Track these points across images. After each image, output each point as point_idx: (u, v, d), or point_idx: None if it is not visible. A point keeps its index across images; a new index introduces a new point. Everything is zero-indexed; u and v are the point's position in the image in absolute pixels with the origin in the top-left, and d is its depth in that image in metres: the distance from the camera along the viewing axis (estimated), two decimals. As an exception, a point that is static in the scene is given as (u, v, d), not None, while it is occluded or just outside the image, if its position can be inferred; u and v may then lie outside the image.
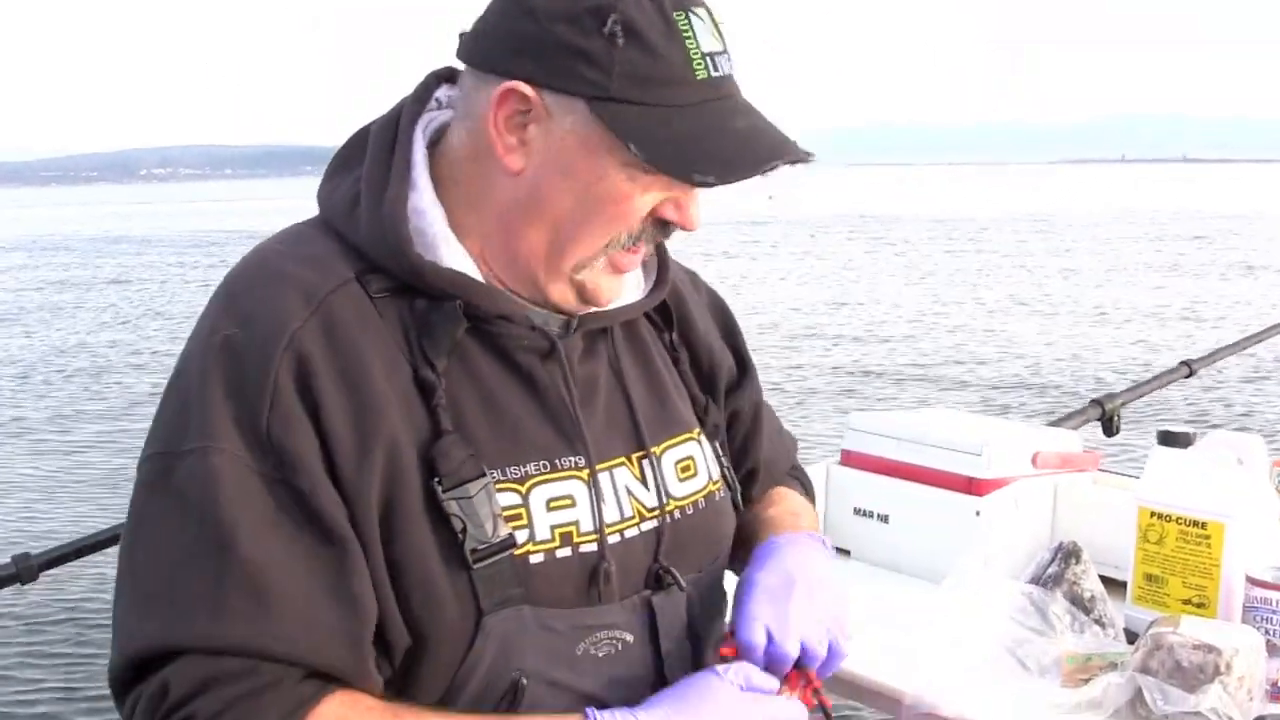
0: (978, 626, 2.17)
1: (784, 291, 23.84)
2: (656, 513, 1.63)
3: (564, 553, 1.52)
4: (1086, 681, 1.92)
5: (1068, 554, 2.03)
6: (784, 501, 1.92)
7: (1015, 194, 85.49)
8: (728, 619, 1.66)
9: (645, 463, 1.64)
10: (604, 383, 1.64)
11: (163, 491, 1.43)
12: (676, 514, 1.65)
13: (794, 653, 1.58)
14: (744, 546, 1.79)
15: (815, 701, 1.62)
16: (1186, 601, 2.11)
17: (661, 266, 1.73)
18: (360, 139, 1.61)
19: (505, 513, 1.49)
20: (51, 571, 2.81)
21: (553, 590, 1.51)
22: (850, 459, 2.69)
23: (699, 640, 1.66)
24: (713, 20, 1.48)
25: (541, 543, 1.51)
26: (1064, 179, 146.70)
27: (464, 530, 1.45)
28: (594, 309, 1.61)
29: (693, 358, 1.82)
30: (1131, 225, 43.15)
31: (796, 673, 1.60)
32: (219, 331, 1.46)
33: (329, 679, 1.41)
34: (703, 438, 1.75)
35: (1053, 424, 3.71)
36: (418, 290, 1.51)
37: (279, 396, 1.41)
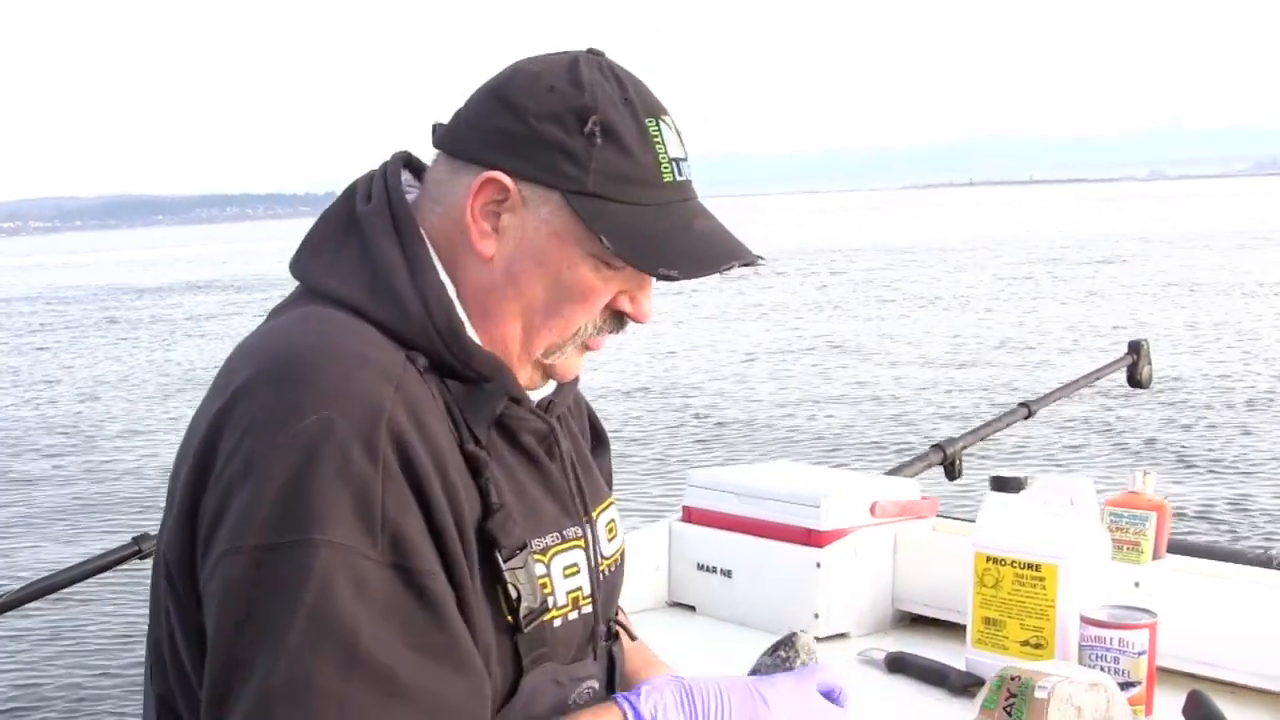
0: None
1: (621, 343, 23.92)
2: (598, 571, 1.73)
3: (574, 615, 1.63)
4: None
5: (781, 643, 1.88)
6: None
7: (866, 222, 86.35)
8: None
9: (588, 527, 1.71)
10: (567, 458, 1.73)
11: (269, 588, 1.37)
12: (607, 571, 1.75)
13: None
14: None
15: None
16: (1025, 643, 2.13)
17: None
18: (341, 221, 1.63)
19: (538, 580, 1.58)
20: None
21: (565, 651, 1.62)
22: (692, 515, 2.69)
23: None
24: (676, 129, 1.61)
25: (561, 608, 1.61)
26: (913, 204, 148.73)
27: (518, 598, 1.52)
28: (550, 394, 1.71)
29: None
30: (981, 251, 43.79)
31: None
32: (305, 416, 1.41)
33: None
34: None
35: (893, 471, 3.75)
36: (447, 370, 1.56)
37: (389, 477, 1.41)
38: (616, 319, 1.64)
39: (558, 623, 1.60)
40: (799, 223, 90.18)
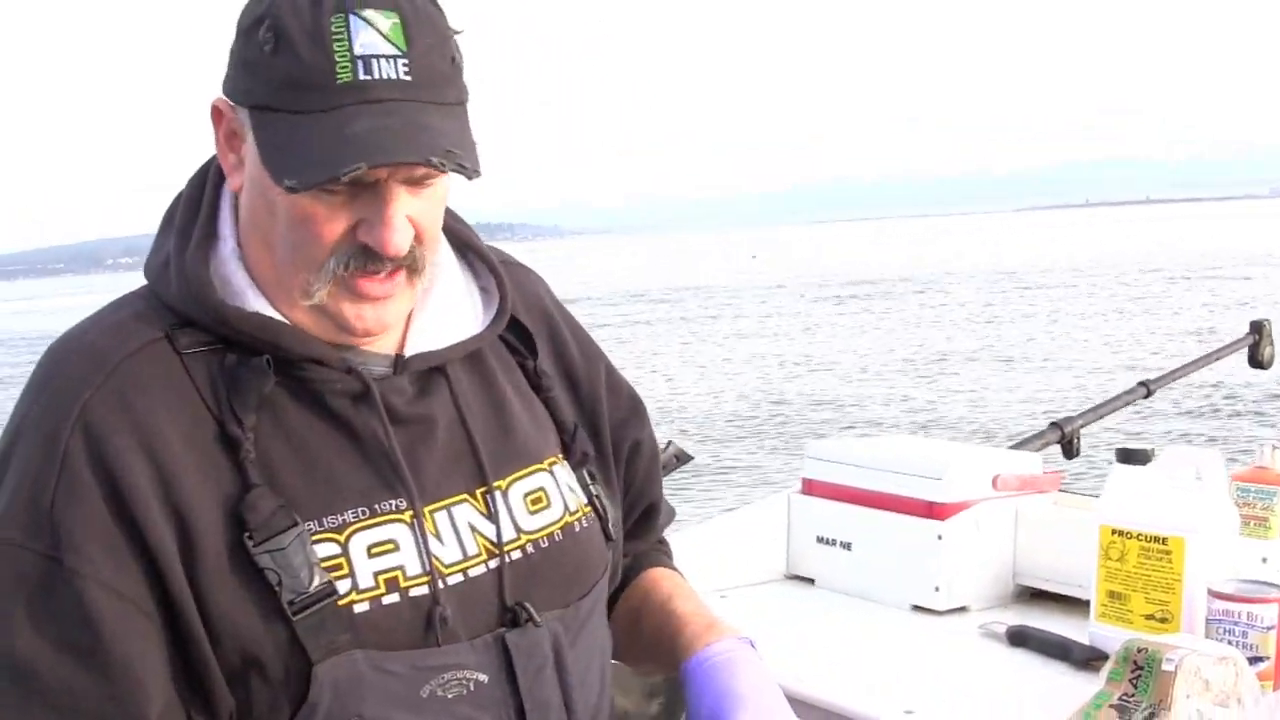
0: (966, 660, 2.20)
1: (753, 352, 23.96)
2: (507, 546, 1.57)
3: (391, 599, 1.47)
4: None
5: None
6: (684, 590, 1.85)
7: (988, 245, 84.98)
8: None
9: (489, 498, 1.57)
10: (443, 420, 1.57)
11: None
12: (529, 548, 1.59)
13: None
14: (658, 644, 1.75)
15: None
16: (1149, 617, 2.11)
17: (502, 297, 1.67)
18: (179, 197, 1.58)
19: (325, 563, 1.43)
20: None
21: (384, 637, 1.46)
22: (811, 488, 2.69)
23: (567, 676, 1.59)
24: (401, 22, 1.39)
25: (365, 591, 1.45)
26: (1031, 226, 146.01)
27: (279, 583, 1.40)
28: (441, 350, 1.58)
29: (571, 383, 1.77)
30: (1102, 273, 42.92)
31: None
32: (20, 411, 1.46)
33: None
34: (558, 468, 1.68)
35: (1013, 448, 3.73)
36: (230, 343, 1.48)
37: (66, 469, 1.39)
38: (365, 252, 1.43)
39: (362, 607, 1.45)
40: (916, 247, 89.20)
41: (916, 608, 2.49)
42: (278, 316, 1.48)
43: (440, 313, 1.60)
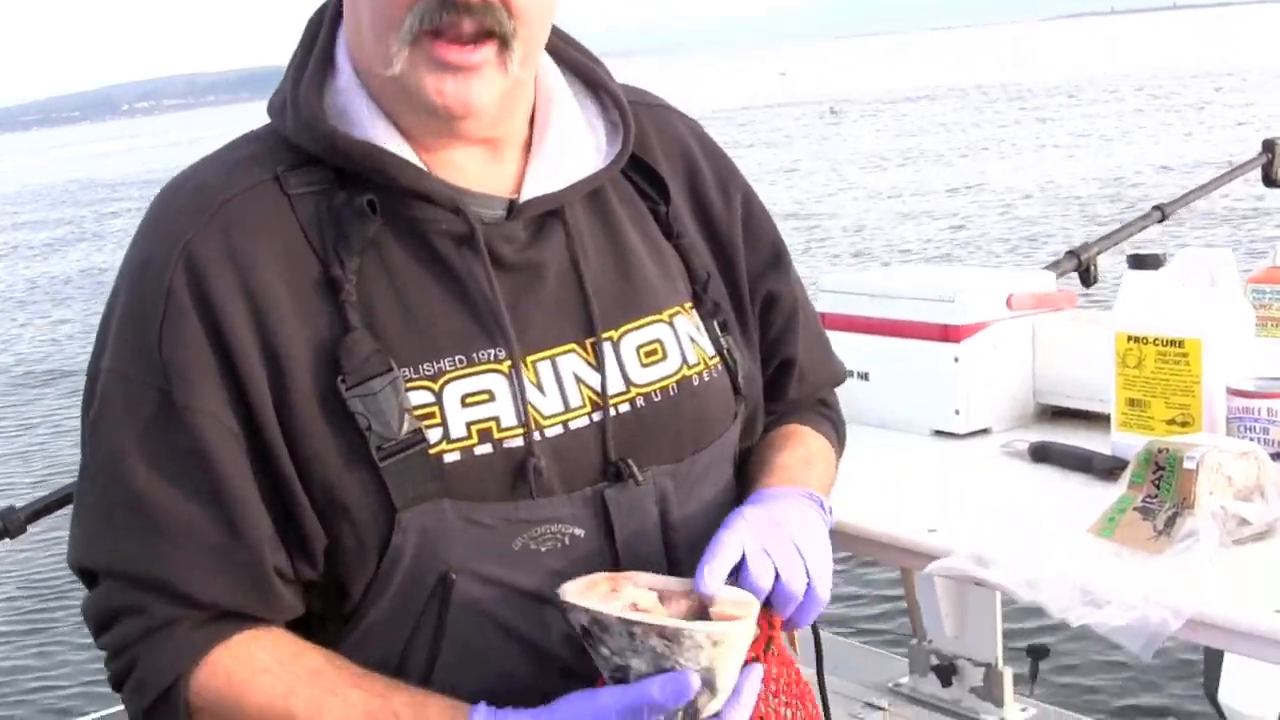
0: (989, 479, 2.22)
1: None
2: (612, 399, 1.54)
3: (484, 449, 1.46)
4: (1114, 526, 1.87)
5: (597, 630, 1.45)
6: (802, 447, 1.80)
7: (1012, 57, 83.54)
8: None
9: (597, 348, 1.54)
10: (555, 267, 1.54)
11: (85, 409, 1.48)
12: (639, 401, 1.56)
13: (767, 585, 1.46)
14: (743, 492, 1.70)
15: (769, 651, 1.49)
16: (1170, 421, 2.10)
17: (626, 132, 1.63)
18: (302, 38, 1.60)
19: (418, 411, 1.43)
20: (39, 523, 2.76)
21: (474, 488, 1.46)
22: (826, 321, 2.66)
23: (673, 534, 1.57)
24: None
25: (457, 441, 1.45)
26: (1056, 36, 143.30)
27: (369, 428, 1.41)
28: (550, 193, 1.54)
29: (710, 231, 1.73)
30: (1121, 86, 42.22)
31: (763, 613, 1.46)
32: (131, 251, 1.50)
33: (235, 614, 1.44)
34: (680, 319, 1.63)
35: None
36: (343, 184, 1.48)
37: (171, 307, 1.42)
38: (443, 4, 1.40)
39: (452, 456, 1.45)
40: (938, 60, 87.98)
41: (938, 433, 2.49)
42: (392, 146, 1.48)
43: (558, 152, 1.57)
